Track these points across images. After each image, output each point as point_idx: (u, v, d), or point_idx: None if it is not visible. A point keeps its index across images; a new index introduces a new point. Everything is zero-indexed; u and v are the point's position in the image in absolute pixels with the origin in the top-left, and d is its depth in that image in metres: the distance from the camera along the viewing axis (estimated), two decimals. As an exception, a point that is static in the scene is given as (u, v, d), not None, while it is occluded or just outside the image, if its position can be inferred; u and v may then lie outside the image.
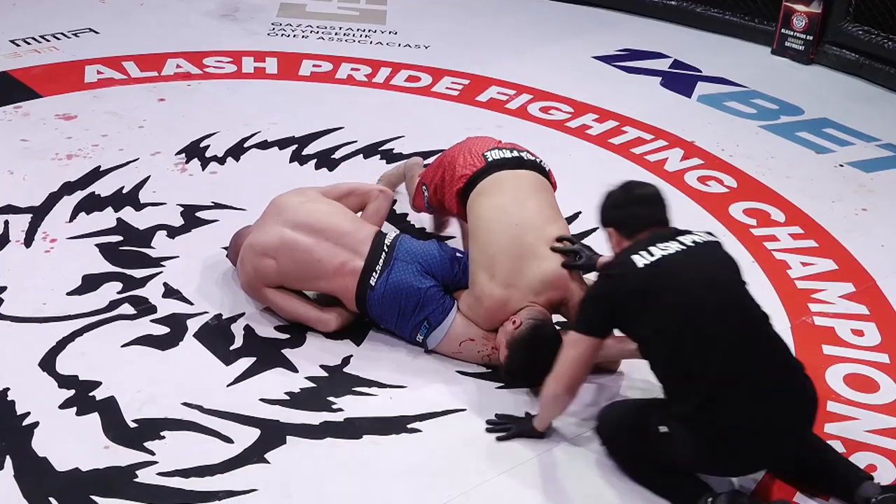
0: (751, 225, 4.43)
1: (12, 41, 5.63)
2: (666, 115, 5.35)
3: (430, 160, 4.06)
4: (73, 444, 2.97)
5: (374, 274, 3.39)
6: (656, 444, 2.88)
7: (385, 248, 3.44)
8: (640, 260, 2.84)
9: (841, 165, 5.03)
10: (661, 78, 5.91)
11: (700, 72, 6.01)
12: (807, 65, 6.24)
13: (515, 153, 3.63)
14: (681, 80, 5.88)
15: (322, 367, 3.37)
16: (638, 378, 3.37)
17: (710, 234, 3.02)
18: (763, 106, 5.64)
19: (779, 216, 4.51)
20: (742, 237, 4.32)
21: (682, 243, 2.88)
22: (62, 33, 5.79)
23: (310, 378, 3.32)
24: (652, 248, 2.85)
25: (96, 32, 5.86)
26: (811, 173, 4.93)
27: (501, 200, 3.45)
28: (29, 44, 5.63)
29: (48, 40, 5.70)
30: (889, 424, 3.30)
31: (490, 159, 3.57)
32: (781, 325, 3.75)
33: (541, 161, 3.68)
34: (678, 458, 2.86)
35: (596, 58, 6.03)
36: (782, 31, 6.31)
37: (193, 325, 3.55)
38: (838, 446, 3.16)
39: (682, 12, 6.69)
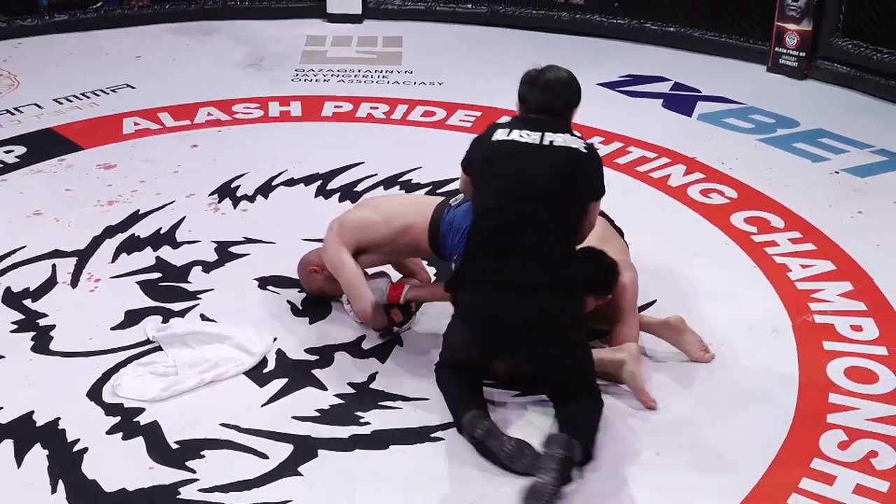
0: (752, 232, 4.42)
1: (55, 99, 5.72)
2: (668, 134, 5.37)
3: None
4: (119, 466, 3.00)
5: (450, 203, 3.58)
6: (450, 343, 3.26)
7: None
8: (500, 135, 3.15)
9: (836, 172, 5.03)
10: (662, 100, 5.93)
11: (700, 92, 6.03)
12: (801, 80, 6.25)
13: None
14: (681, 100, 5.90)
15: (349, 384, 3.39)
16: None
17: (580, 142, 3.14)
18: (760, 121, 5.65)
19: (778, 223, 4.50)
20: (743, 244, 4.33)
21: (542, 138, 3.09)
22: (101, 90, 5.88)
23: (338, 395, 3.34)
24: (516, 130, 3.14)
25: (132, 87, 5.95)
26: (808, 181, 4.92)
27: None
28: (71, 101, 5.72)
29: (88, 97, 5.79)
30: (888, 413, 3.28)
31: None
32: (782, 324, 3.78)
33: None
34: (455, 347, 3.21)
35: (600, 84, 6.06)
36: (776, 49, 6.32)
37: (229, 352, 3.59)
38: (840, 435, 3.16)
39: (680, 37, 6.72)
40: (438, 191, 4.52)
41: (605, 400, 3.21)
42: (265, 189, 4.75)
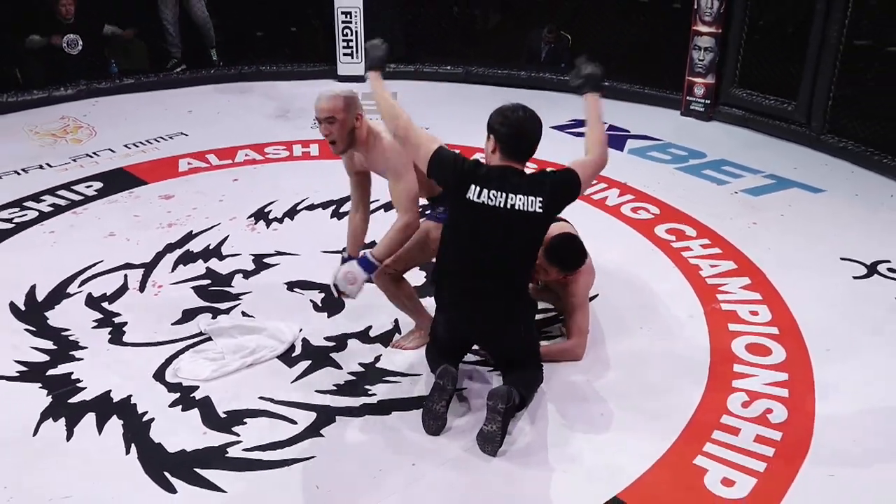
0: (671, 240, 4.43)
1: (125, 145, 5.69)
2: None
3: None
4: (180, 432, 3.00)
5: None
6: (434, 331, 3.18)
7: None
8: (471, 192, 2.84)
9: (736, 192, 5.05)
10: (600, 138, 5.93)
11: (629, 132, 6.04)
12: (707, 121, 6.28)
13: None
14: (615, 138, 5.89)
15: (360, 364, 3.38)
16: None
17: (540, 203, 2.85)
18: (676, 153, 5.66)
19: (692, 232, 4.51)
20: (665, 249, 4.34)
21: (506, 201, 2.82)
22: (161, 137, 5.86)
23: (351, 373, 3.33)
24: (486, 192, 2.83)
25: (186, 135, 5.93)
26: (714, 200, 4.94)
27: None
28: (137, 146, 5.69)
29: (151, 143, 5.76)
30: (779, 379, 3.30)
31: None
32: (696, 311, 3.80)
33: None
34: (437, 334, 3.14)
35: (552, 127, 6.05)
36: (687, 98, 6.36)
37: (264, 341, 3.58)
38: (743, 396, 3.18)
39: (614, 89, 6.71)
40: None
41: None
42: (291, 213, 4.74)
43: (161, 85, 6.96)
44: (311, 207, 4.79)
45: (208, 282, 4.01)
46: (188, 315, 3.72)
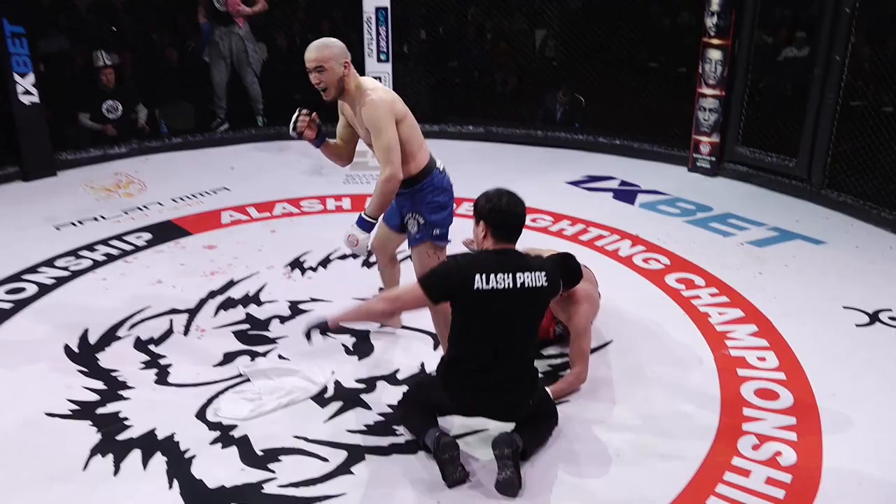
0: (681, 289, 4.39)
1: (173, 199, 5.76)
2: (617, 218, 5.36)
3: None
4: (219, 468, 2.99)
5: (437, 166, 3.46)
6: (426, 387, 3.07)
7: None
8: (477, 282, 2.75)
9: (742, 244, 5.01)
10: (612, 193, 5.93)
11: (639, 187, 6.04)
12: (713, 177, 6.26)
13: None
14: (626, 193, 5.91)
15: (388, 405, 3.35)
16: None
17: (545, 276, 2.82)
18: (685, 207, 5.64)
19: (700, 282, 4.47)
20: (675, 298, 4.30)
21: (514, 282, 2.76)
22: (206, 191, 5.92)
23: (381, 414, 3.31)
24: (493, 276, 2.75)
25: (228, 189, 5.99)
26: (721, 251, 4.90)
27: None
28: (184, 200, 5.76)
29: (196, 197, 5.82)
30: (788, 422, 3.24)
31: None
32: (706, 356, 3.74)
33: None
34: (432, 394, 3.00)
35: (567, 182, 6.09)
36: (694, 155, 6.35)
37: (299, 382, 3.57)
38: (753, 440, 3.12)
39: (625, 148, 6.77)
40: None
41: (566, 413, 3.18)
42: (325, 262, 4.76)
43: (206, 144, 7.07)
44: (343, 257, 4.80)
45: (247, 326, 4.01)
46: (228, 358, 3.73)
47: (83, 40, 7.32)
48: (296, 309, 4.18)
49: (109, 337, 3.91)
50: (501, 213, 2.83)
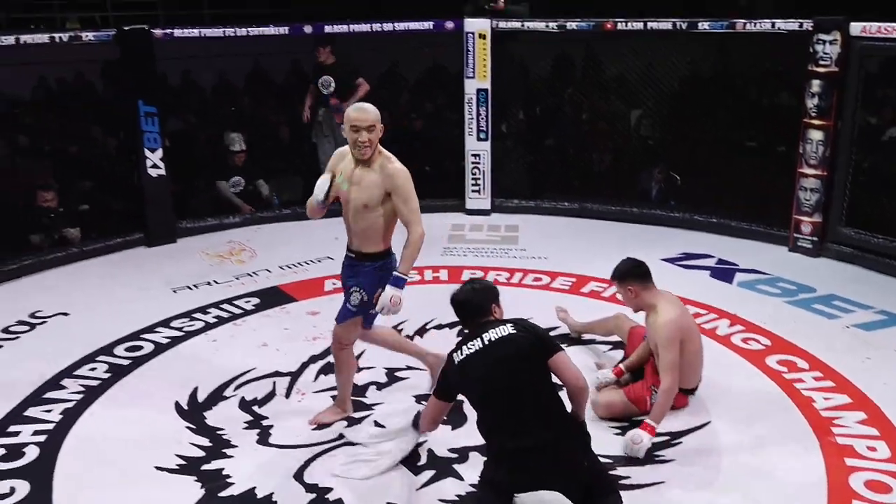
0: (783, 371, 4.21)
1: (280, 266, 5.96)
2: (715, 297, 5.20)
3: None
4: (314, 531, 3.00)
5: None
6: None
7: None
8: (457, 356, 2.98)
9: (847, 327, 4.77)
10: (709, 271, 5.78)
11: (738, 266, 5.85)
12: (815, 258, 6.01)
13: None
14: (724, 272, 5.75)
15: (478, 479, 3.31)
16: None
17: (511, 326, 2.95)
18: (785, 287, 5.43)
19: (804, 365, 4.27)
20: (777, 380, 4.11)
21: (482, 341, 2.93)
22: (310, 260, 6.08)
23: (472, 484, 3.26)
24: (465, 348, 2.97)
25: (332, 259, 6.08)
26: (826, 334, 4.67)
27: None
28: (290, 268, 5.94)
29: (302, 265, 5.98)
30: (903, 518, 3.01)
31: None
32: (811, 443, 3.54)
33: None
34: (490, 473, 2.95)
35: (663, 259, 5.97)
36: (795, 235, 6.14)
37: (394, 449, 3.57)
38: (864, 534, 2.90)
39: (723, 226, 6.61)
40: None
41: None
42: (421, 331, 4.80)
43: (326, 214, 7.29)
44: (438, 327, 4.84)
45: (345, 391, 4.06)
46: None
47: (208, 119, 7.82)
48: (392, 376, 4.22)
49: (217, 396, 4.04)
50: (455, 304, 3.14)
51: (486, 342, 2.94)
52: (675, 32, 6.39)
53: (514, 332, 2.94)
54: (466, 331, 3.11)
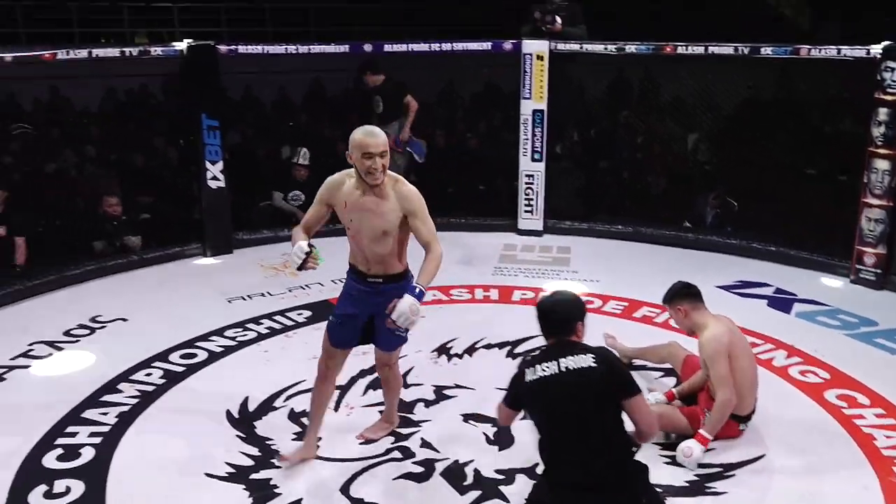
0: (843, 406, 4.07)
1: (332, 280, 5.90)
2: (772, 327, 5.07)
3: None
4: (359, 545, 3.01)
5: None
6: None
7: None
8: (529, 374, 2.85)
9: (911, 363, 4.61)
10: (766, 300, 5.64)
11: (796, 296, 5.70)
12: (878, 290, 5.83)
13: None
14: (782, 301, 5.60)
15: (526, 499, 3.27)
16: None
17: (592, 357, 2.80)
18: (846, 320, 5.26)
19: (864, 400, 4.13)
20: (836, 415, 3.99)
21: (559, 366, 2.80)
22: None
23: (518, 507, 3.25)
24: (538, 366, 2.84)
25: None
26: (889, 369, 4.51)
27: None
28: (342, 282, 5.86)
29: (354, 280, 6.04)
30: (969, 565, 2.88)
31: None
32: (871, 483, 3.42)
33: None
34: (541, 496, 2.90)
35: (718, 287, 5.84)
36: (857, 266, 5.97)
37: (440, 467, 3.56)
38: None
39: (781, 255, 6.45)
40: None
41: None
42: (470, 350, 4.79)
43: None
44: (488, 346, 4.82)
45: (395, 407, 4.07)
46: (374, 436, 3.78)
47: (267, 134, 7.98)
48: (440, 394, 4.21)
49: (267, 406, 4.09)
50: (539, 317, 2.99)
51: (563, 369, 2.80)
52: (735, 57, 6.30)
53: (594, 364, 2.79)
54: (546, 345, 2.97)
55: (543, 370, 2.83)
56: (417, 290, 3.23)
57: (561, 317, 2.95)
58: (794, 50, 6.04)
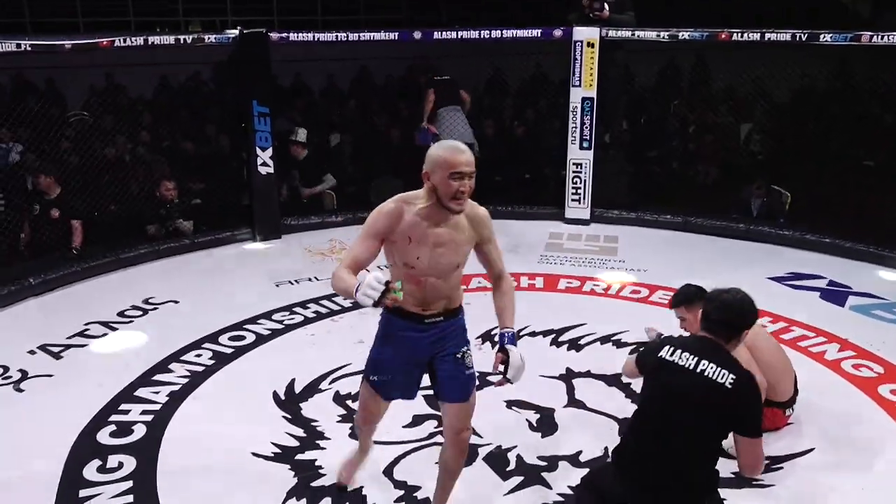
0: (897, 402, 3.98)
1: (378, 266, 6.01)
2: (824, 320, 4.96)
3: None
4: (401, 526, 3.04)
5: None
6: (603, 475, 2.85)
7: None
8: (666, 352, 2.70)
9: (973, 360, 4.45)
10: (819, 293, 5.51)
11: (851, 289, 5.55)
12: (938, 284, 5.66)
13: None
14: (835, 294, 5.47)
15: (569, 486, 3.27)
16: None
17: (731, 379, 2.56)
18: (903, 314, 5.13)
19: (921, 396, 4.03)
20: (890, 411, 3.88)
21: (696, 365, 2.61)
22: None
23: (560, 494, 3.24)
24: (680, 352, 2.67)
25: (428, 261, 6.23)
26: (946, 365, 4.39)
27: None
28: (388, 268, 6.02)
29: (399, 266, 6.08)
30: None
31: None
32: (927, 480, 3.33)
33: None
34: (606, 483, 2.78)
35: (769, 278, 5.73)
36: (916, 259, 5.79)
37: (482, 452, 3.57)
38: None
39: (836, 246, 6.28)
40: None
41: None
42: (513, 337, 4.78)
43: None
44: (532, 334, 4.81)
45: (436, 392, 4.10)
46: (417, 420, 3.82)
47: (316, 121, 8.05)
48: (484, 380, 4.21)
49: (312, 388, 4.15)
50: (713, 303, 2.75)
51: (699, 371, 2.61)
52: (792, 44, 6.13)
53: (729, 387, 2.57)
54: (695, 334, 2.82)
55: (681, 359, 2.65)
56: (513, 336, 2.92)
57: (731, 315, 2.70)
58: (854, 37, 5.85)
